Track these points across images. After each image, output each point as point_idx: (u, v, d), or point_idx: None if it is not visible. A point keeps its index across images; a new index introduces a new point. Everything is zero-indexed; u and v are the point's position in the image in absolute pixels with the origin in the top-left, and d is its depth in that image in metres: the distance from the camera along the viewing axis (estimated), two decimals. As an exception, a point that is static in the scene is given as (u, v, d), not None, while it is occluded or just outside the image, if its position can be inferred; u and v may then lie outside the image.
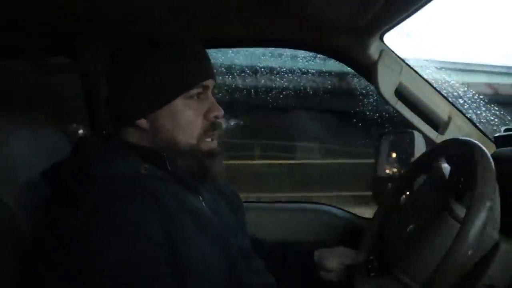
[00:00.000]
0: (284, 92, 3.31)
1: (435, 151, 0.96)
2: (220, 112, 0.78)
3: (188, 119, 0.75)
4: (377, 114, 1.82)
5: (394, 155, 1.28)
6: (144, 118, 0.74)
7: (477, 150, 0.73)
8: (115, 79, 0.76)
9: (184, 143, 0.75)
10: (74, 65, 1.16)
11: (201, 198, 0.79)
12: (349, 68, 1.15)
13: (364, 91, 1.88)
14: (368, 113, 1.91)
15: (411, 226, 0.81)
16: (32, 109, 0.87)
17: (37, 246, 0.66)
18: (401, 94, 1.10)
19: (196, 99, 0.76)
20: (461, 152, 0.87)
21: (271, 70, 2.51)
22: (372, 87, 1.12)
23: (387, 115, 1.73)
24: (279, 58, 2.20)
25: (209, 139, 0.78)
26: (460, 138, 0.88)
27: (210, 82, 0.78)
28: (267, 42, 1.19)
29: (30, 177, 0.73)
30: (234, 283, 0.75)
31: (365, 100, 1.76)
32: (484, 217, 0.64)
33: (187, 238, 0.68)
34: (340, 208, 1.33)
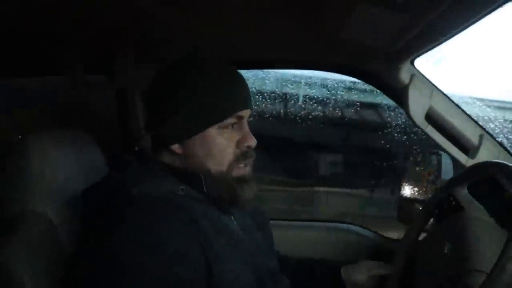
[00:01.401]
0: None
1: (465, 173, 0.96)
2: (253, 142, 0.78)
3: (220, 148, 0.76)
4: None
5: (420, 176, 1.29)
6: (178, 144, 0.76)
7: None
8: (155, 102, 0.78)
9: (214, 170, 0.76)
10: (111, 83, 1.21)
11: (233, 218, 0.81)
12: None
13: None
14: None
15: (448, 244, 0.81)
16: (75, 128, 0.91)
17: (77, 261, 0.68)
18: (431, 118, 1.11)
19: (230, 128, 0.77)
20: (492, 175, 0.87)
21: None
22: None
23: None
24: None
25: (241, 166, 0.78)
26: (491, 161, 0.88)
27: (245, 113, 0.78)
28: (301, 63, 1.21)
29: (72, 194, 0.77)
30: None
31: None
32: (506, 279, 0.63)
33: (221, 258, 0.69)
34: (367, 229, 1.33)
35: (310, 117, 2.88)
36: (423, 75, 1.10)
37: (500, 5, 0.74)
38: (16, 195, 0.72)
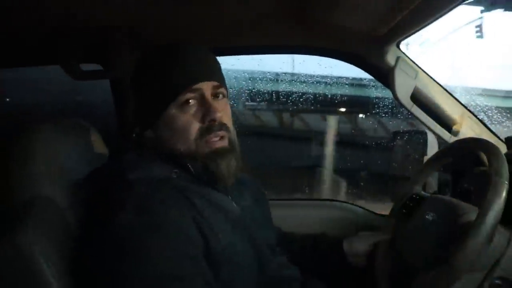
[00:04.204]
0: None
1: (448, 149, 1.02)
2: (215, 114, 0.75)
3: (182, 126, 0.75)
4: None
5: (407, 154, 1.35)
6: (150, 129, 0.79)
7: (492, 151, 0.79)
8: (133, 90, 0.82)
9: (184, 150, 0.76)
10: (106, 72, 1.23)
11: (229, 196, 0.84)
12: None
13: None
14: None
15: (432, 214, 0.88)
16: (77, 118, 0.93)
17: (85, 243, 0.71)
18: (416, 98, 1.16)
19: (190, 104, 0.76)
20: (473, 150, 0.94)
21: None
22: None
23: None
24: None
25: (212, 140, 0.77)
26: (473, 137, 0.94)
27: (204, 85, 0.76)
28: (289, 48, 1.24)
29: (75, 178, 0.80)
30: (263, 274, 0.81)
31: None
32: (494, 218, 0.71)
33: (218, 235, 0.73)
34: (359, 206, 1.40)
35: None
36: (408, 57, 1.14)
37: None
38: (24, 182, 0.74)
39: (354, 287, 1.05)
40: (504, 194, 0.72)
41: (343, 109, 4.92)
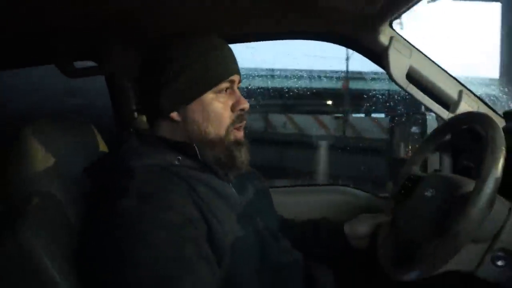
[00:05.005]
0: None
1: (444, 126, 1.01)
2: (246, 104, 0.83)
3: (217, 112, 0.81)
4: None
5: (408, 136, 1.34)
6: (176, 111, 0.81)
7: (487, 121, 0.79)
8: (150, 76, 0.81)
9: (214, 134, 0.81)
10: (100, 69, 1.23)
11: (230, 184, 0.85)
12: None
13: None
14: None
15: (431, 190, 0.87)
16: (73, 114, 0.94)
17: (86, 232, 0.72)
18: (411, 77, 1.15)
19: (224, 93, 0.82)
20: (468, 124, 0.93)
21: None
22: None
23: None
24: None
25: (237, 129, 0.84)
26: (467, 111, 0.93)
27: (236, 77, 0.84)
28: (281, 34, 1.24)
29: (75, 173, 0.81)
30: (265, 260, 0.82)
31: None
32: (493, 184, 0.70)
33: (220, 221, 0.74)
34: (359, 189, 1.40)
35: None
36: (401, 36, 1.13)
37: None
38: (24, 178, 0.75)
39: (357, 269, 1.05)
40: (502, 160, 0.71)
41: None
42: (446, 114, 1.17)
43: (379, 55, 1.14)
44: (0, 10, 0.85)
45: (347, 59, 13.11)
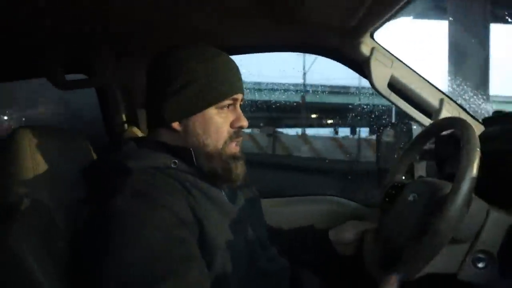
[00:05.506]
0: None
1: (424, 133, 1.04)
2: (245, 122, 0.86)
3: (217, 126, 0.83)
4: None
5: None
6: (178, 122, 0.83)
7: (462, 124, 0.81)
8: (157, 85, 0.84)
9: (212, 146, 0.83)
10: (91, 81, 1.26)
11: (222, 192, 0.88)
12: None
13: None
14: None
15: (413, 194, 0.89)
16: (62, 126, 0.96)
17: (80, 231, 0.72)
18: (393, 86, 1.19)
19: (226, 109, 0.85)
20: (446, 129, 0.96)
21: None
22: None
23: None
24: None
25: (234, 144, 0.86)
26: (445, 117, 0.95)
27: (239, 96, 0.86)
28: (263, 47, 1.27)
29: (65, 181, 0.82)
30: (253, 268, 0.83)
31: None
32: (469, 184, 0.73)
33: (212, 224, 0.76)
34: (347, 199, 1.41)
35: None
36: (382, 47, 1.17)
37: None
38: (12, 184, 0.75)
39: (343, 275, 1.06)
40: (477, 160, 0.74)
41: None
42: (428, 122, 1.20)
43: (361, 65, 1.18)
44: None
45: (304, 74, 13.53)
